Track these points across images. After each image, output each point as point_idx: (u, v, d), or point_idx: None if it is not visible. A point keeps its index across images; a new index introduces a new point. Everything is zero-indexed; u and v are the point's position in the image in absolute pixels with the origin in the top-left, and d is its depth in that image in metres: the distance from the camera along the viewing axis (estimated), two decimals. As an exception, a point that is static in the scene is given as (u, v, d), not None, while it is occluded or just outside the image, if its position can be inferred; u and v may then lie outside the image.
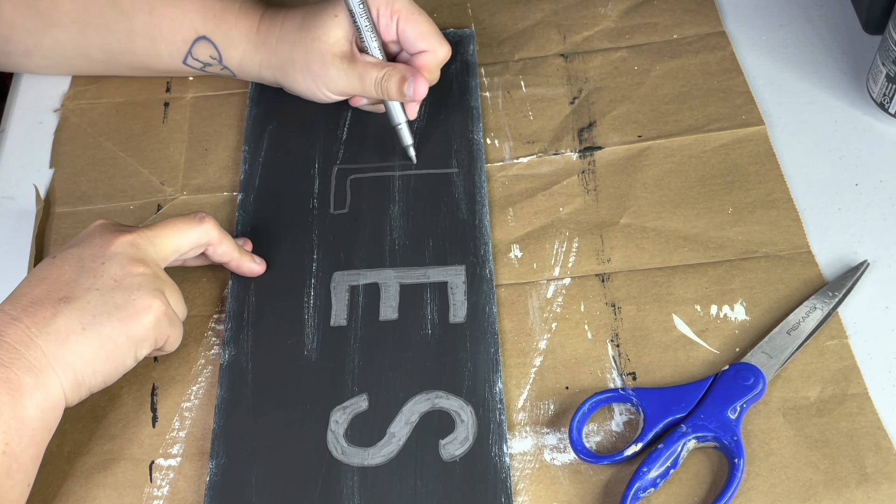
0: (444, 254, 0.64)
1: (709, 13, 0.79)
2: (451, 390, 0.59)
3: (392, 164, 0.69)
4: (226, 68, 0.72)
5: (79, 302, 0.53)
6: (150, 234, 0.57)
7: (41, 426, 0.52)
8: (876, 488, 0.54)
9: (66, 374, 0.52)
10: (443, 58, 0.69)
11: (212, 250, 0.62)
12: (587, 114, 0.73)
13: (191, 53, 0.71)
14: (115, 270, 0.55)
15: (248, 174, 0.69)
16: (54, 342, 0.52)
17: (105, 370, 0.54)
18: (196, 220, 0.60)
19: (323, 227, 0.67)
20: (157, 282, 0.56)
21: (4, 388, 0.50)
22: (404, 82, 0.65)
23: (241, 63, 0.71)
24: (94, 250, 0.55)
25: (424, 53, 0.68)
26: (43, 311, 0.52)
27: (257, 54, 0.70)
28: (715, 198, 0.67)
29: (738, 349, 0.60)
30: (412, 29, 0.67)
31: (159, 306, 0.55)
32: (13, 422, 0.50)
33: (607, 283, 0.63)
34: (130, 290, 0.54)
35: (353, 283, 0.64)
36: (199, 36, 0.70)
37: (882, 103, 0.70)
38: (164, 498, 0.56)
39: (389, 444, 0.57)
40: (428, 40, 0.68)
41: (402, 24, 0.67)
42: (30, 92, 0.78)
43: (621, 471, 0.56)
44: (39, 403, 0.51)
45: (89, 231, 0.58)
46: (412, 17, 0.67)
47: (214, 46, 0.70)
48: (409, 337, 0.61)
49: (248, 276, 0.64)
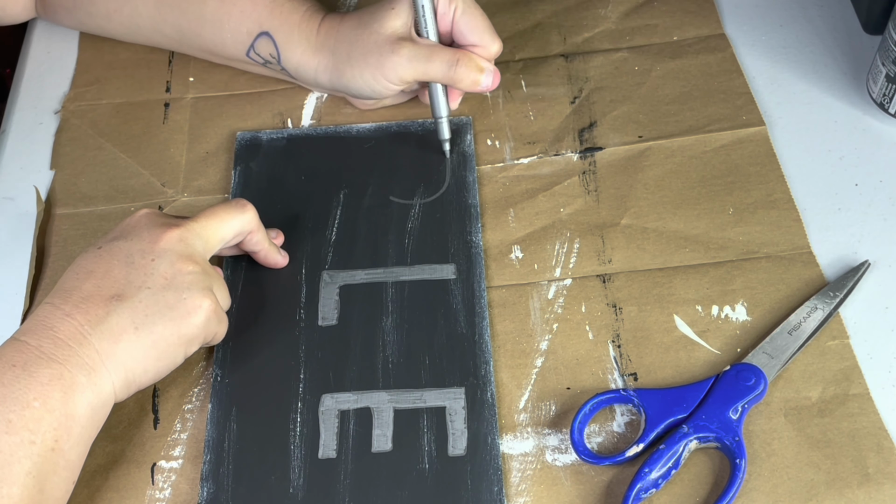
0: (442, 374, 0.60)
1: (708, 15, 0.79)
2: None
3: (385, 268, 0.65)
4: (284, 70, 0.72)
5: (131, 301, 0.53)
6: (196, 228, 0.58)
7: (89, 423, 0.52)
8: (878, 488, 0.54)
9: (118, 372, 0.53)
10: (495, 52, 0.68)
11: (248, 238, 0.62)
12: (588, 114, 0.73)
13: (253, 47, 0.71)
14: (166, 268, 0.55)
15: (231, 281, 0.65)
16: (107, 341, 0.52)
17: (156, 368, 0.55)
18: (239, 207, 0.60)
19: (310, 342, 0.62)
20: (207, 279, 0.56)
21: (58, 384, 0.50)
22: (482, 71, 0.66)
23: (298, 65, 0.71)
24: (142, 245, 0.56)
25: (476, 48, 0.67)
26: (95, 308, 0.53)
27: (314, 58, 0.69)
28: (716, 198, 0.67)
29: (740, 349, 0.60)
30: (468, 22, 0.67)
31: (209, 305, 0.56)
32: (64, 419, 0.50)
33: (608, 284, 0.63)
34: (181, 290, 0.55)
35: (344, 407, 0.59)
36: (263, 31, 0.70)
37: (882, 103, 0.71)
38: (166, 500, 0.56)
39: None
40: (482, 35, 0.67)
41: (459, 14, 0.67)
42: (30, 93, 0.78)
43: (623, 471, 0.56)
44: (90, 401, 0.52)
45: (135, 222, 0.58)
46: (469, 10, 0.67)
47: (275, 45, 0.70)
48: (405, 472, 0.56)
49: (272, 267, 0.64)
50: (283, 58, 0.70)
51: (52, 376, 0.50)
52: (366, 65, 0.67)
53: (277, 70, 0.72)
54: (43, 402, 0.50)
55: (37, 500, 0.49)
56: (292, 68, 0.71)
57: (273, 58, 0.71)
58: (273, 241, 0.64)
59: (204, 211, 0.59)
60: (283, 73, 0.73)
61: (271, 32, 0.70)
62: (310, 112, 0.75)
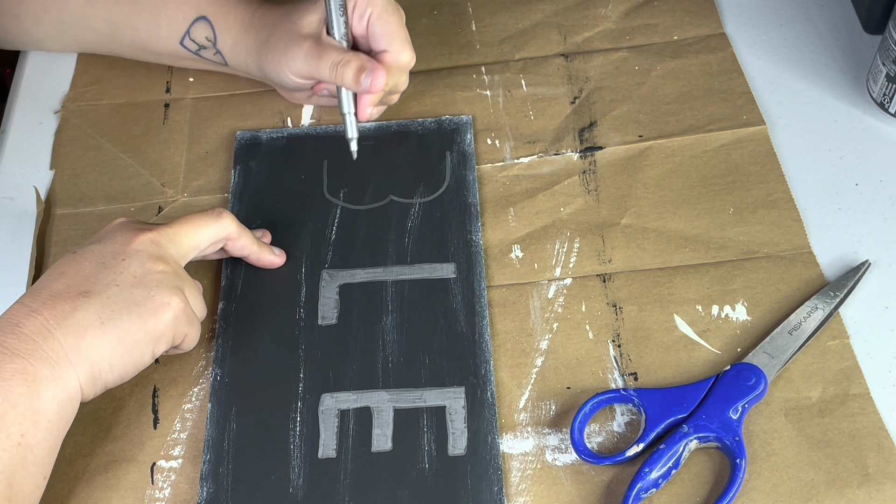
0: (442, 373, 0.60)
1: (709, 14, 0.79)
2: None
3: (385, 267, 0.65)
4: (218, 52, 0.72)
5: (98, 297, 0.54)
6: (170, 232, 0.58)
7: (57, 418, 0.52)
8: (878, 488, 0.54)
9: (83, 367, 0.53)
10: (405, 62, 0.67)
11: (231, 244, 0.62)
12: (588, 113, 0.73)
13: (189, 33, 0.71)
14: (136, 267, 0.55)
15: (230, 280, 0.65)
16: (72, 335, 0.52)
17: (122, 365, 0.54)
18: (214, 215, 0.60)
19: (310, 341, 0.62)
20: (177, 279, 0.56)
21: (21, 378, 0.50)
22: (362, 72, 0.65)
23: (231, 47, 0.71)
24: (114, 247, 0.56)
25: (386, 54, 0.67)
26: (62, 304, 0.53)
27: (245, 38, 0.70)
28: (716, 198, 0.67)
29: (740, 349, 0.60)
30: (381, 27, 0.67)
31: (178, 303, 0.55)
32: (29, 413, 0.50)
33: (608, 284, 0.63)
34: (150, 287, 0.55)
35: (343, 407, 0.59)
36: (200, 15, 0.71)
37: (882, 103, 0.70)
38: (166, 500, 0.56)
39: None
40: (392, 42, 0.66)
41: (374, 19, 0.67)
42: (30, 93, 0.78)
43: (623, 471, 0.56)
44: (56, 395, 0.51)
45: (110, 228, 0.58)
46: (384, 16, 0.67)
47: (211, 27, 0.71)
48: (405, 472, 0.56)
49: (268, 268, 0.64)
50: (218, 39, 0.71)
51: (14, 371, 0.50)
52: (275, 51, 0.68)
53: (211, 55, 0.73)
54: (6, 397, 0.49)
55: (5, 496, 0.49)
56: (227, 50, 0.71)
57: (209, 41, 0.71)
58: (261, 241, 0.64)
59: (181, 218, 0.59)
60: (215, 58, 0.73)
61: (208, 16, 0.71)
62: (310, 111, 0.75)
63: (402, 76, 0.68)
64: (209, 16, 0.71)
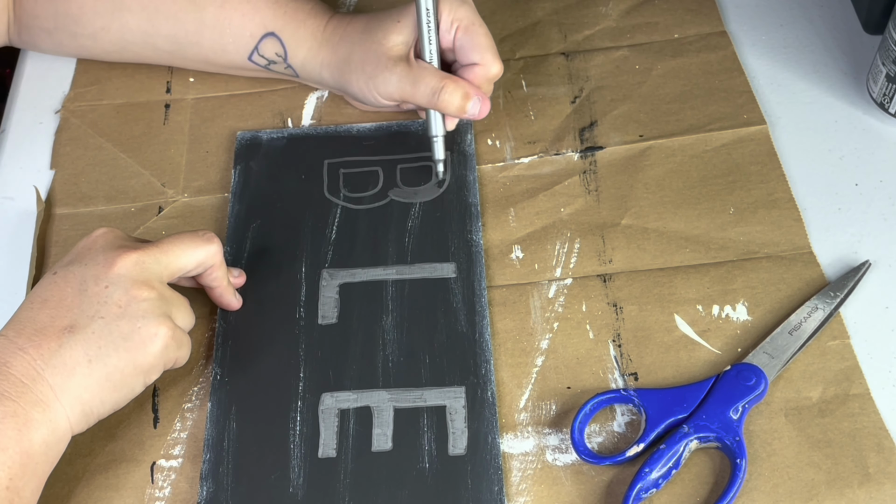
0: (442, 373, 0.60)
1: (709, 13, 0.79)
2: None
3: (385, 266, 0.65)
4: (289, 66, 0.72)
5: (83, 332, 0.52)
6: (156, 252, 0.56)
7: (44, 460, 0.51)
8: (878, 488, 0.54)
9: (74, 406, 0.52)
10: (494, 74, 0.67)
11: (208, 273, 0.60)
12: (588, 113, 0.73)
13: (257, 49, 0.71)
14: (120, 296, 0.54)
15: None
16: (60, 375, 0.51)
17: (113, 399, 0.54)
18: (204, 239, 0.58)
19: (310, 340, 0.61)
20: (163, 305, 0.55)
21: (11, 422, 0.50)
22: (469, 99, 0.65)
23: (304, 62, 0.71)
24: (96, 270, 0.54)
25: (476, 66, 0.67)
26: (48, 341, 0.52)
27: (320, 53, 0.70)
28: (716, 198, 0.67)
29: (740, 349, 0.60)
30: (470, 40, 0.66)
31: (166, 332, 0.54)
32: (18, 457, 0.50)
33: (609, 284, 0.63)
34: (136, 318, 0.53)
35: (343, 406, 0.59)
36: (268, 32, 0.70)
37: (882, 103, 0.70)
38: (166, 499, 0.56)
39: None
40: (483, 54, 0.66)
41: (462, 33, 0.66)
42: (30, 93, 0.78)
43: (623, 471, 0.56)
44: (45, 437, 0.51)
45: (90, 243, 0.56)
46: (472, 28, 0.66)
47: (281, 43, 0.70)
48: (405, 472, 0.56)
49: (223, 308, 0.63)
50: (290, 55, 0.71)
51: (5, 413, 0.49)
52: (361, 72, 0.67)
53: (281, 69, 0.72)
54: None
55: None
56: (299, 65, 0.71)
57: (279, 56, 0.71)
58: (234, 280, 0.63)
59: (168, 237, 0.58)
60: (286, 72, 0.73)
61: (277, 32, 0.70)
62: (310, 112, 0.75)
63: (490, 87, 0.68)
64: (277, 31, 0.70)
